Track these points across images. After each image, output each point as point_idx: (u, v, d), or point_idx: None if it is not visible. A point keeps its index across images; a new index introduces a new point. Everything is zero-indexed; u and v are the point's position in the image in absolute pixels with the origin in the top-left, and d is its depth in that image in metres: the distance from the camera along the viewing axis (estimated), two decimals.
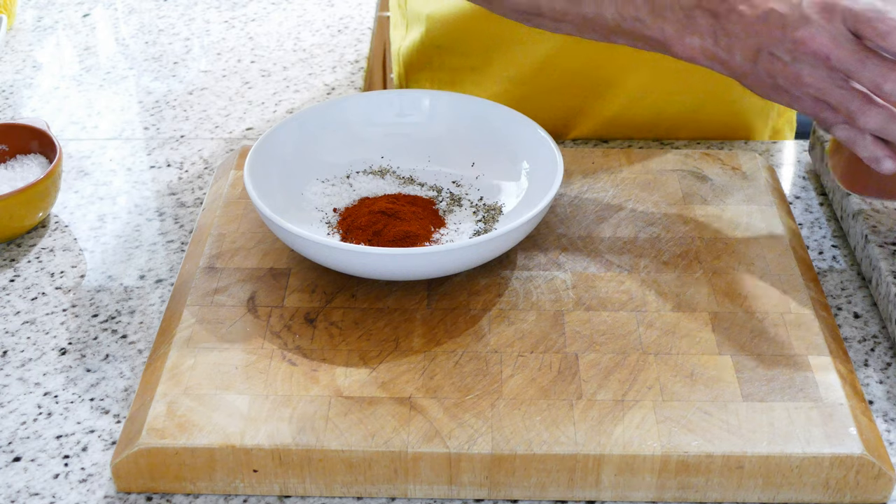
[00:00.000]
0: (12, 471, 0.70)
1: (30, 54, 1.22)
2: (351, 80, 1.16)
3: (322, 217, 0.85)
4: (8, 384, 0.76)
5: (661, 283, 0.79)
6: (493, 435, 0.67)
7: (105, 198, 0.97)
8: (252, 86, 1.15)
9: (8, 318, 0.82)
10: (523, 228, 0.76)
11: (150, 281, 0.86)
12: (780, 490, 0.67)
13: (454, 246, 0.75)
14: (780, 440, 0.67)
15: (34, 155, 0.94)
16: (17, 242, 0.90)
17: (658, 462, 0.66)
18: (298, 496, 0.68)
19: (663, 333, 0.75)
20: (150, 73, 1.18)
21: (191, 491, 0.68)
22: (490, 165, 0.89)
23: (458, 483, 0.67)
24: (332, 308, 0.77)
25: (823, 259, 0.87)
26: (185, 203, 0.96)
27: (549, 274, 0.80)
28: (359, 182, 0.89)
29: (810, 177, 0.98)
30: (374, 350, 0.73)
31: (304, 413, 0.68)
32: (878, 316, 0.82)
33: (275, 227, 0.77)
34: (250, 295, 0.78)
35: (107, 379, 0.77)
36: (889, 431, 0.72)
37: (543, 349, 0.73)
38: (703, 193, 0.89)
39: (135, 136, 1.07)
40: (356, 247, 0.75)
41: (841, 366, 0.73)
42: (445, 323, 0.76)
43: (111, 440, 0.72)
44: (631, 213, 0.87)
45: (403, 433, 0.67)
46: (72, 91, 1.15)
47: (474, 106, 0.90)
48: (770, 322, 0.76)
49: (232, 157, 0.94)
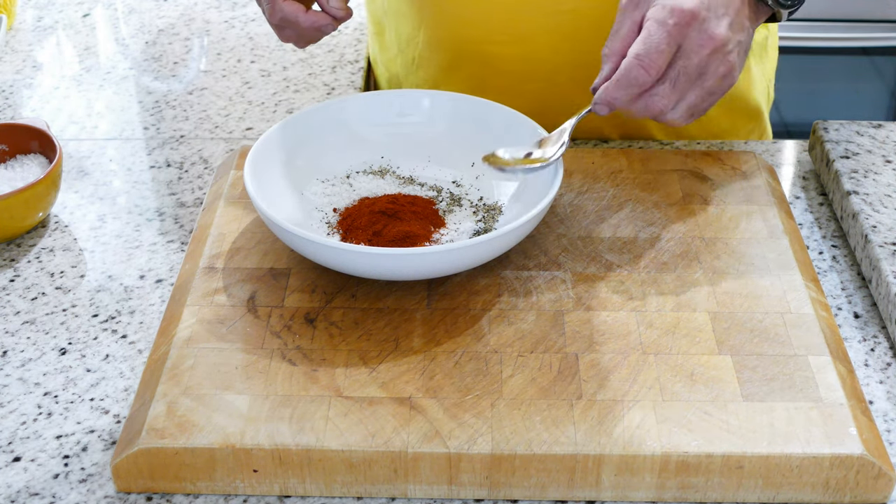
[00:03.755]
0: (12, 471, 0.70)
1: (30, 54, 1.22)
2: (351, 80, 1.16)
3: (322, 217, 0.85)
4: (8, 384, 0.76)
5: (661, 283, 0.79)
6: (493, 435, 0.67)
7: (105, 198, 0.97)
8: (252, 86, 1.15)
9: (8, 318, 0.82)
10: (523, 228, 0.76)
11: (150, 281, 0.86)
12: (779, 490, 0.67)
13: (454, 246, 0.75)
14: (780, 440, 0.67)
15: (34, 155, 0.95)
16: (17, 242, 0.90)
17: (658, 462, 0.66)
18: (298, 496, 0.68)
19: (663, 333, 0.75)
20: (150, 73, 1.18)
21: (191, 491, 0.68)
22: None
23: (458, 483, 0.67)
24: (332, 308, 0.77)
25: (823, 259, 0.87)
26: (185, 203, 0.96)
27: (549, 274, 0.80)
28: (359, 182, 0.89)
29: (810, 177, 0.98)
30: (374, 350, 0.73)
31: (304, 413, 0.68)
32: (878, 316, 0.82)
33: (275, 227, 0.77)
34: (250, 295, 0.78)
35: (107, 379, 0.77)
36: (889, 431, 0.72)
37: (543, 349, 0.73)
38: (703, 193, 0.89)
39: (135, 136, 1.07)
40: (356, 247, 0.75)
41: (841, 366, 0.73)
42: (445, 323, 0.76)
43: (111, 440, 0.72)
44: (631, 213, 0.87)
45: (403, 433, 0.67)
46: (72, 91, 1.15)
47: (474, 106, 0.90)
48: (770, 322, 0.76)
49: (232, 157, 0.94)
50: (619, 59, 0.79)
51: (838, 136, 0.96)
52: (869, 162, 0.93)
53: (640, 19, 0.79)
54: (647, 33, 0.76)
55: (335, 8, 0.84)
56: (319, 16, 0.84)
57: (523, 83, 1.01)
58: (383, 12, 1.09)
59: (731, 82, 0.80)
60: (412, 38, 1.05)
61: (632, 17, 0.79)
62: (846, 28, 2.24)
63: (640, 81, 0.76)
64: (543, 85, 1.01)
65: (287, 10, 0.83)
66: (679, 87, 0.78)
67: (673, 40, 0.76)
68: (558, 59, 0.99)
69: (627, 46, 0.79)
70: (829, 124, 0.98)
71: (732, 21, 0.78)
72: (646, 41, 0.76)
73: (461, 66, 1.03)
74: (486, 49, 1.00)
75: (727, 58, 0.78)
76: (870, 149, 0.94)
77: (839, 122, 0.98)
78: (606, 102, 0.78)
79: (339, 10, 0.85)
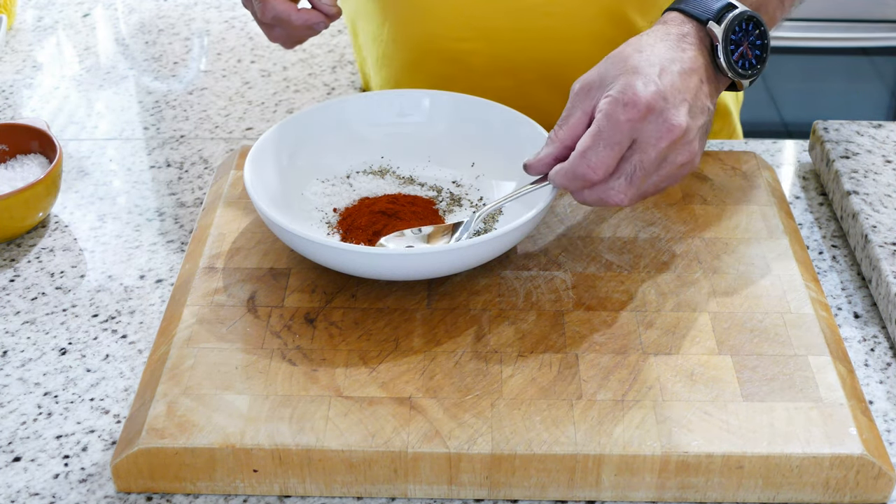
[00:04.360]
0: (12, 471, 0.70)
1: (30, 54, 1.22)
2: (351, 80, 1.16)
3: (322, 217, 0.85)
4: (8, 384, 0.76)
5: (661, 283, 0.79)
6: (493, 435, 0.67)
7: (105, 198, 0.97)
8: (252, 86, 1.15)
9: (8, 318, 0.82)
10: (523, 228, 0.76)
11: (150, 281, 0.86)
12: (779, 490, 0.67)
13: (454, 246, 0.75)
14: (780, 440, 0.67)
15: (34, 155, 0.94)
16: (17, 242, 0.90)
17: (658, 462, 0.66)
18: (298, 496, 0.68)
19: (663, 333, 0.75)
20: (150, 73, 1.18)
21: (191, 491, 0.68)
22: (490, 165, 0.89)
23: (458, 483, 0.67)
24: (332, 308, 0.77)
25: (823, 259, 0.87)
26: (185, 203, 0.96)
27: (549, 274, 0.80)
28: (359, 182, 0.89)
29: (810, 177, 0.98)
30: (374, 350, 0.73)
31: (304, 413, 0.68)
32: (878, 316, 0.82)
33: (275, 227, 0.77)
34: (250, 295, 0.78)
35: (107, 379, 0.77)
36: (889, 431, 0.72)
37: (543, 349, 0.73)
38: (703, 193, 0.89)
39: (135, 136, 1.07)
40: (356, 247, 0.75)
41: (841, 366, 0.73)
42: (445, 323, 0.76)
43: (111, 440, 0.72)
44: (631, 213, 0.87)
45: (403, 433, 0.67)
46: (72, 91, 1.15)
47: (474, 106, 0.90)
48: (770, 322, 0.76)
49: (232, 157, 0.94)
50: (562, 148, 0.75)
51: (838, 136, 0.96)
52: (869, 162, 0.93)
53: (590, 110, 0.74)
54: (597, 129, 0.71)
55: (326, 4, 0.84)
56: (311, 13, 0.84)
57: (489, 80, 0.99)
58: (355, 13, 1.09)
59: (691, 168, 0.76)
60: (377, 37, 1.05)
61: (581, 106, 0.75)
62: (846, 28, 2.24)
63: (587, 179, 0.72)
64: (509, 82, 1.00)
65: (279, 7, 0.82)
66: (635, 182, 0.73)
67: (625, 136, 0.71)
68: (524, 57, 0.98)
69: (575, 136, 0.74)
70: (829, 124, 0.98)
71: (691, 106, 0.73)
72: (594, 137, 0.71)
73: (426, 64, 1.02)
74: (451, 46, 0.99)
75: (688, 147, 0.74)
76: (870, 149, 0.94)
77: (839, 122, 0.98)
78: (558, 184, 0.75)
79: (331, 7, 0.84)
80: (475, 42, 0.98)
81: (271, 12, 0.83)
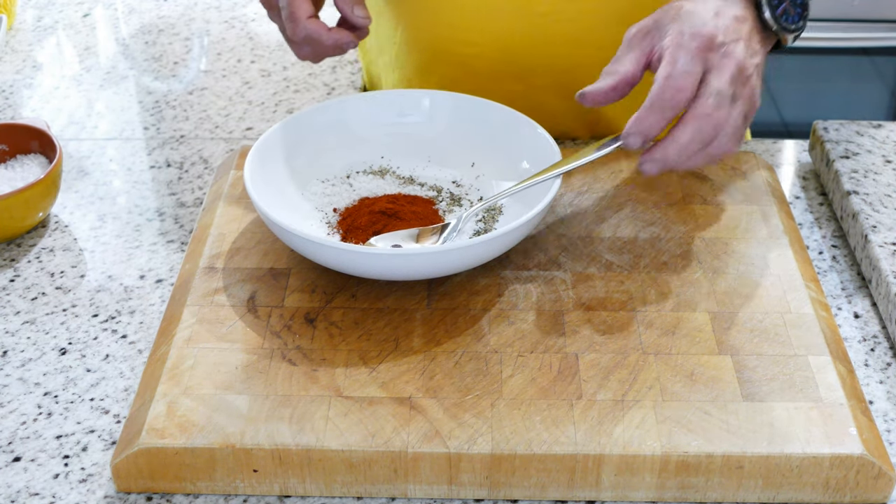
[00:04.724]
0: (12, 471, 0.70)
1: (30, 54, 1.22)
2: (351, 80, 1.16)
3: (322, 217, 0.85)
4: (8, 384, 0.76)
5: (661, 283, 0.79)
6: (493, 435, 0.67)
7: (105, 198, 0.97)
8: (252, 86, 1.15)
9: (8, 318, 0.82)
10: (523, 228, 0.76)
11: (150, 281, 0.86)
12: (779, 490, 0.67)
13: (454, 246, 0.75)
14: (780, 440, 0.67)
15: (34, 155, 0.95)
16: (17, 242, 0.90)
17: (658, 462, 0.66)
18: (298, 496, 0.68)
19: (663, 333, 0.75)
20: (150, 73, 1.18)
21: (191, 491, 0.68)
22: (490, 165, 0.89)
23: (458, 483, 0.67)
24: (332, 308, 0.77)
25: (823, 259, 0.87)
26: (185, 203, 0.96)
27: (549, 274, 0.80)
28: (359, 182, 0.89)
29: (810, 177, 0.98)
30: (374, 350, 0.73)
31: (304, 413, 0.68)
32: (878, 316, 0.82)
33: (275, 227, 0.77)
34: (250, 295, 0.78)
35: (107, 379, 0.77)
36: (889, 431, 0.72)
37: (543, 349, 0.73)
38: (703, 193, 0.89)
39: (135, 136, 1.07)
40: (356, 247, 0.75)
41: (841, 366, 0.73)
42: (445, 323, 0.76)
43: (111, 440, 0.72)
44: (631, 213, 0.87)
45: (403, 433, 0.67)
46: (72, 91, 1.15)
47: (474, 106, 0.90)
48: (770, 322, 0.76)
49: (232, 157, 0.94)
50: (622, 79, 0.78)
51: (838, 136, 0.96)
52: (869, 162, 0.93)
53: (648, 50, 0.78)
54: (672, 58, 0.75)
55: (360, 17, 0.84)
56: (342, 34, 0.83)
57: (499, 84, 1.00)
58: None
59: (757, 105, 0.79)
60: (390, 38, 1.05)
61: (640, 46, 0.79)
62: (846, 28, 2.24)
63: (675, 102, 0.75)
64: (520, 87, 1.00)
65: (310, 27, 0.82)
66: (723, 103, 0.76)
67: (698, 64, 0.75)
68: (535, 62, 0.99)
69: (633, 71, 0.78)
70: (829, 124, 0.98)
71: (747, 45, 0.78)
72: (672, 65, 0.75)
73: (437, 67, 1.02)
74: (463, 50, 1.00)
75: (749, 83, 0.77)
76: (870, 149, 0.94)
77: (839, 122, 0.98)
78: (640, 132, 0.76)
79: (365, 20, 0.84)
80: (486, 46, 0.99)
81: (303, 32, 0.82)
